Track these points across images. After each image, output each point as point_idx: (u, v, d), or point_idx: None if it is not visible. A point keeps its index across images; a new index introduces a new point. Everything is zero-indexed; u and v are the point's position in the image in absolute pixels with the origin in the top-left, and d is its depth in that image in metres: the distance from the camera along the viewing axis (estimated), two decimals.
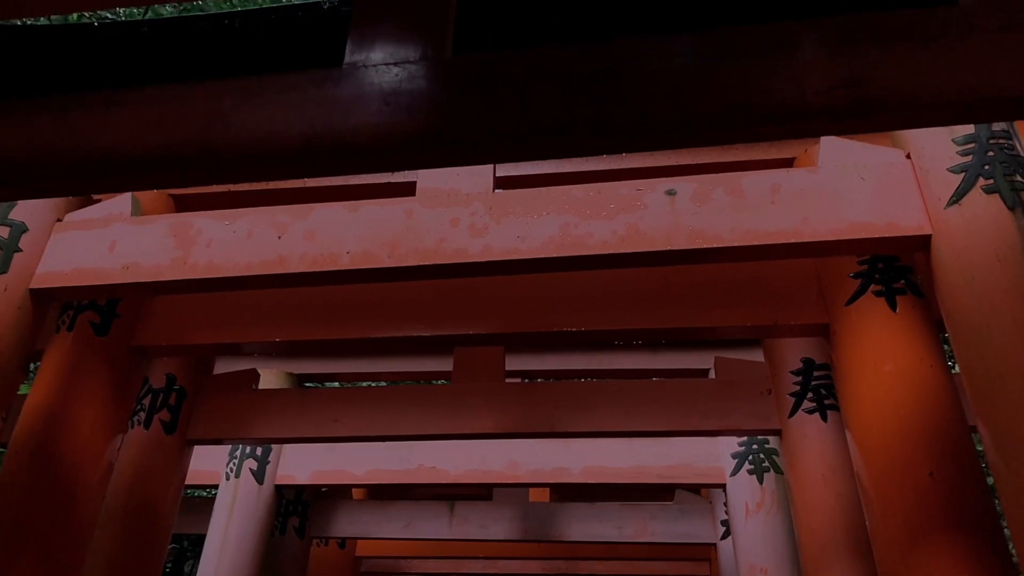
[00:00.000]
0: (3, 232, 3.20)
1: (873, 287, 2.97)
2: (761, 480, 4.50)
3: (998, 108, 1.84)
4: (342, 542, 7.30)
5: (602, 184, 2.92)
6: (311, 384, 6.54)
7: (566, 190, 2.92)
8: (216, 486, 5.51)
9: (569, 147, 2.04)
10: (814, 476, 3.53)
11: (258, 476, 5.36)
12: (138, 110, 2.08)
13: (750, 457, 4.60)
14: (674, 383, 4.21)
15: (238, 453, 5.44)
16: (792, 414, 3.76)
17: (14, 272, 3.14)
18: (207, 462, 5.41)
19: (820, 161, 2.92)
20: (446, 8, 2.07)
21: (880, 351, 2.86)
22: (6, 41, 2.51)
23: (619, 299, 3.30)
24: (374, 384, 6.50)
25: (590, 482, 4.95)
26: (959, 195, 2.52)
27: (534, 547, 7.11)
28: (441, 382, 6.68)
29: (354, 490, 7.06)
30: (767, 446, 4.58)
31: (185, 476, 4.33)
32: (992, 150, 2.52)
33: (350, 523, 6.46)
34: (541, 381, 5.36)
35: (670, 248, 2.71)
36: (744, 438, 4.65)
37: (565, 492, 7.38)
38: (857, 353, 2.95)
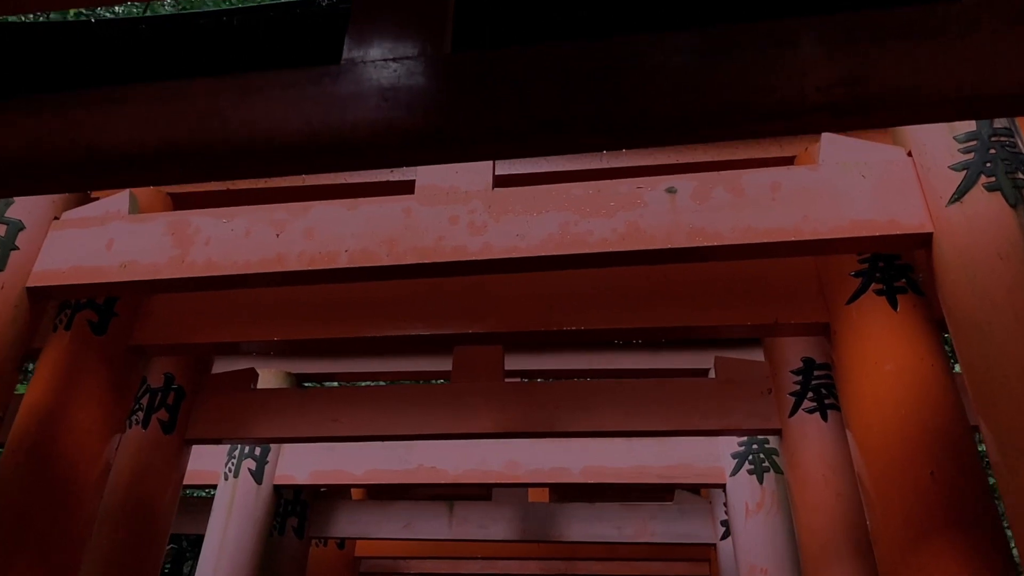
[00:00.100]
0: (0, 230, 3.20)
1: (874, 286, 2.96)
2: (761, 480, 4.49)
3: (999, 105, 1.83)
4: (341, 542, 7.29)
5: (602, 182, 2.90)
6: (310, 384, 6.52)
7: (566, 188, 2.90)
8: (215, 486, 5.49)
9: (568, 144, 2.04)
10: (814, 476, 3.53)
11: (257, 476, 5.35)
12: (136, 107, 2.08)
13: (750, 457, 4.59)
14: (674, 383, 4.20)
15: (237, 453, 5.42)
16: (792, 414, 3.75)
17: (11, 270, 3.13)
18: (206, 462, 5.40)
19: (821, 159, 2.91)
20: (445, 5, 2.06)
21: (881, 350, 2.85)
22: (4, 39, 2.50)
23: (619, 298, 3.29)
24: (373, 384, 6.48)
25: (590, 482, 4.94)
26: (961, 193, 2.51)
27: (533, 547, 7.11)
28: (440, 382, 6.67)
29: (353, 490, 7.05)
30: (767, 446, 4.57)
31: (183, 476, 4.32)
32: (994, 147, 2.51)
33: (349, 523, 6.45)
34: (540, 381, 5.34)
35: (670, 246, 2.70)
36: (744, 438, 4.64)
37: (565, 492, 7.37)
38: (858, 352, 2.94)
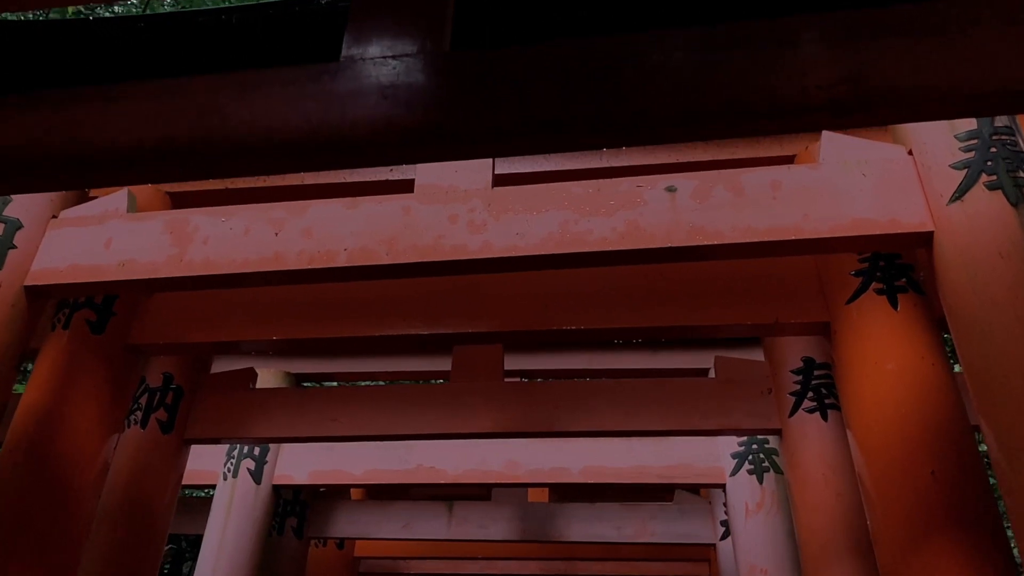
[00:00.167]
0: None
1: (874, 285, 2.96)
2: (761, 480, 4.49)
3: (1000, 102, 1.82)
4: (340, 542, 7.27)
5: (602, 181, 2.89)
6: (309, 384, 6.51)
7: (566, 186, 2.89)
8: (214, 486, 5.48)
9: (568, 142, 2.02)
10: (814, 476, 3.52)
11: (256, 476, 5.34)
12: (134, 104, 2.07)
13: (750, 457, 4.59)
14: (674, 383, 4.19)
15: (236, 453, 5.41)
16: (792, 413, 3.74)
17: (9, 269, 3.12)
18: (205, 462, 5.39)
19: (821, 158, 2.90)
20: (445, 2, 2.05)
21: (881, 349, 2.84)
22: (2, 37, 2.49)
23: (619, 297, 3.28)
24: (372, 384, 6.47)
25: (589, 482, 4.93)
26: (961, 191, 2.50)
27: (533, 547, 7.10)
28: (440, 382, 6.66)
29: (352, 490, 7.04)
30: (767, 446, 4.56)
31: (182, 476, 4.31)
32: (995, 146, 2.50)
33: (348, 523, 6.43)
34: (540, 381, 5.33)
35: (670, 245, 2.68)
36: (744, 438, 4.63)
37: (564, 492, 7.36)
38: (858, 351, 2.93)
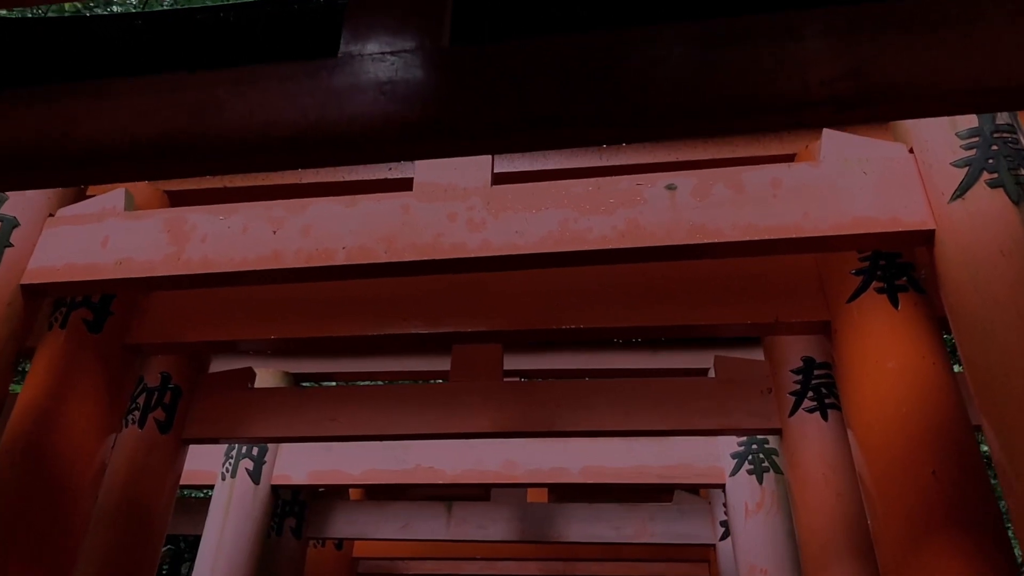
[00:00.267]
0: None
1: (875, 284, 2.94)
2: (761, 480, 4.47)
3: (1003, 97, 1.82)
4: (339, 543, 7.26)
5: (601, 179, 2.88)
6: (308, 383, 6.50)
7: (565, 185, 2.88)
8: (212, 486, 5.46)
9: (567, 138, 2.01)
10: (815, 476, 3.51)
11: (254, 476, 5.32)
12: (130, 100, 2.05)
13: (749, 457, 4.57)
14: (674, 382, 4.18)
15: (234, 453, 5.40)
16: (792, 413, 3.73)
17: (5, 267, 3.10)
18: (203, 462, 5.37)
19: (822, 156, 2.89)
20: None
21: (882, 348, 2.83)
22: (1, 33, 2.47)
23: (618, 296, 3.27)
24: (371, 383, 6.46)
25: (589, 482, 4.92)
26: (963, 189, 2.49)
27: (532, 548, 7.08)
28: (439, 382, 6.64)
29: (351, 490, 7.02)
30: (767, 446, 4.55)
31: (180, 476, 4.29)
32: (996, 144, 2.49)
33: (347, 524, 6.41)
34: (539, 380, 5.32)
35: (670, 243, 2.67)
36: (744, 438, 4.62)
37: (563, 492, 7.35)
38: (859, 351, 2.92)
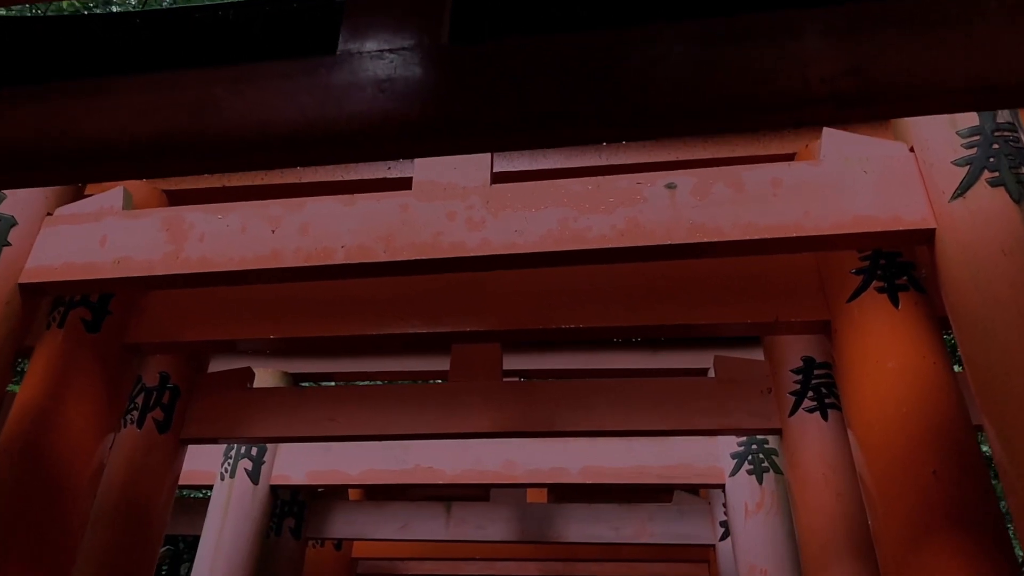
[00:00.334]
0: None
1: (875, 283, 2.94)
2: (760, 480, 4.47)
3: (1003, 95, 1.81)
4: (338, 543, 7.24)
5: (601, 178, 2.87)
6: (307, 383, 6.49)
7: (565, 183, 2.87)
8: (211, 486, 5.45)
9: (567, 136, 2.01)
10: (815, 476, 3.50)
11: (253, 476, 5.31)
12: (129, 97, 2.05)
13: (749, 457, 4.56)
14: (673, 382, 4.17)
15: (233, 453, 5.38)
16: (792, 413, 3.72)
17: (3, 266, 3.09)
18: (202, 462, 5.36)
19: (822, 155, 2.88)
20: None
21: (882, 348, 2.82)
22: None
23: (617, 295, 3.26)
24: (370, 383, 6.45)
25: (588, 482, 4.90)
26: (964, 188, 2.48)
27: (532, 548, 7.07)
28: (438, 381, 6.63)
29: (350, 491, 7.01)
30: (766, 446, 4.54)
31: (179, 476, 4.28)
32: (997, 142, 2.48)
33: (346, 524, 6.40)
34: (539, 380, 5.31)
35: (670, 242, 2.67)
36: (743, 438, 4.61)
37: (563, 493, 7.34)
38: (859, 350, 2.91)
